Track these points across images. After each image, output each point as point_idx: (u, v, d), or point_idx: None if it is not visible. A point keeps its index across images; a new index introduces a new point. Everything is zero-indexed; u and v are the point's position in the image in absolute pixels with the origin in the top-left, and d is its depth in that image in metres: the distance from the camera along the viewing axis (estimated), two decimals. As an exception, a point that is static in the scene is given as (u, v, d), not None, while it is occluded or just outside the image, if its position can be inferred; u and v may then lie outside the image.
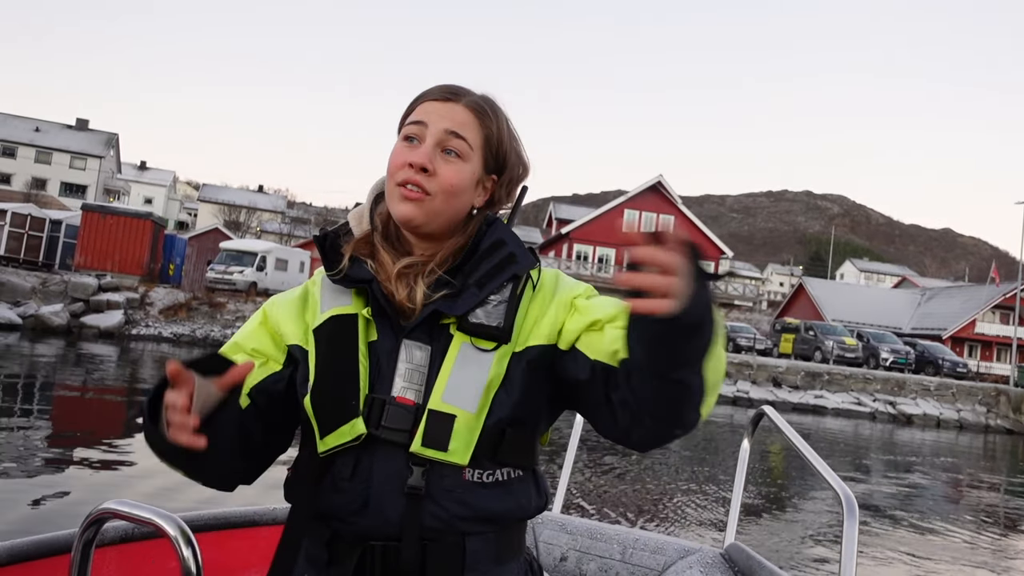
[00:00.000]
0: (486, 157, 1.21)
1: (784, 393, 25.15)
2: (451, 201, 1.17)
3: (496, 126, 1.22)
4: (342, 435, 1.10)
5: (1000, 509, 11.17)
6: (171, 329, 23.41)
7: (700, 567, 1.81)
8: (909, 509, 10.04)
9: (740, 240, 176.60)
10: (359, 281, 1.17)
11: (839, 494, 1.44)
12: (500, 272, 1.17)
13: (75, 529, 1.31)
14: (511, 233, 1.23)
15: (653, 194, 45.59)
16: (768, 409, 2.01)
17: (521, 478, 1.17)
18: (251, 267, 27.66)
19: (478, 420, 1.10)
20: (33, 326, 21.34)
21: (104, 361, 17.39)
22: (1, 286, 22.19)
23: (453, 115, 1.18)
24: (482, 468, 1.12)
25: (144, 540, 1.78)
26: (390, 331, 1.15)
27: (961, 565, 7.32)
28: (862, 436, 19.65)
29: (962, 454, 18.62)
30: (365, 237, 1.23)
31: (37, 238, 26.52)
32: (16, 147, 66.08)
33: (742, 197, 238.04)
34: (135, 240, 25.65)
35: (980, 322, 44.97)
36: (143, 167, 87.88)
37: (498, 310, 1.14)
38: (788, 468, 12.18)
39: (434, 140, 1.16)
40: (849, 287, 61.64)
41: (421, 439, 1.08)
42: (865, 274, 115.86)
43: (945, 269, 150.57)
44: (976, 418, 26.00)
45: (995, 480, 14.83)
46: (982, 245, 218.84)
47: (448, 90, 1.20)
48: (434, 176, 1.15)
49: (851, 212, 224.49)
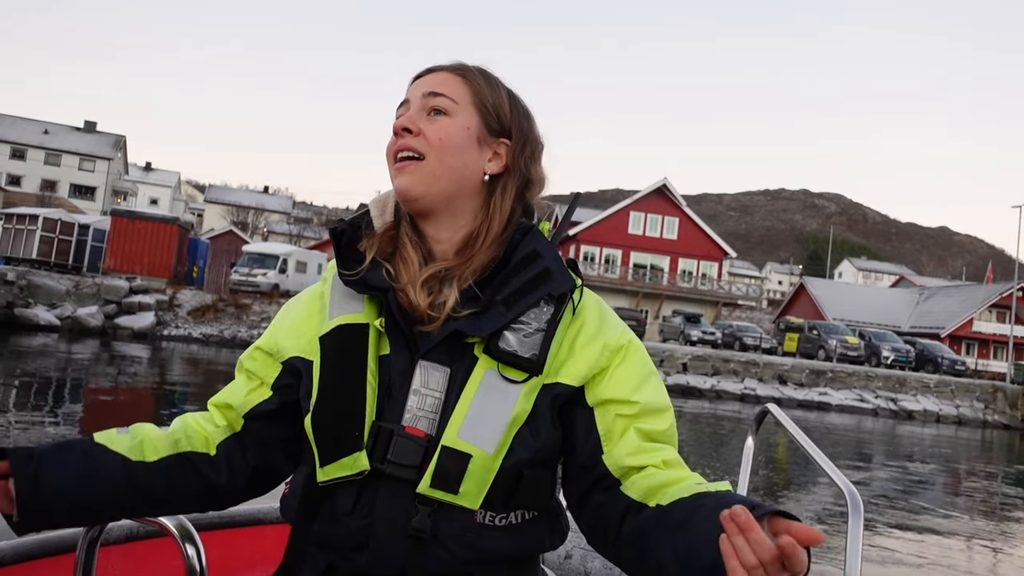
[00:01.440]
0: (483, 114, 1.11)
1: (789, 390, 25.99)
2: (445, 158, 1.07)
3: (485, 84, 1.13)
4: (343, 467, 1.01)
5: (996, 499, 11.77)
6: (200, 330, 24.32)
7: None
8: (911, 501, 10.41)
9: (738, 238, 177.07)
10: (374, 288, 1.07)
11: (844, 491, 1.42)
12: (532, 290, 1.05)
13: (80, 528, 1.31)
14: (549, 245, 1.10)
15: (658, 196, 46.45)
16: (772, 407, 1.97)
17: (536, 519, 1.08)
18: (273, 269, 28.68)
19: (495, 462, 1.01)
20: (70, 327, 22.23)
21: (137, 361, 18.17)
22: (37, 289, 23.07)
23: (431, 80, 1.11)
24: (495, 511, 1.04)
25: (149, 539, 1.77)
26: (405, 347, 1.05)
27: (961, 556, 7.56)
28: (865, 431, 20.42)
29: (961, 448, 19.37)
30: (388, 232, 1.12)
31: (66, 242, 27.37)
32: (26, 149, 66.42)
33: (739, 195, 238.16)
34: (163, 244, 26.53)
35: (977, 321, 45.69)
36: (148, 168, 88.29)
37: (533, 339, 1.03)
38: (792, 464, 12.34)
39: (417, 106, 1.10)
40: (849, 287, 62.73)
41: (431, 479, 0.99)
42: (863, 273, 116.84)
43: (942, 268, 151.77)
44: (974, 414, 26.85)
45: (991, 471, 15.66)
46: (978, 243, 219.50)
47: (428, 67, 1.15)
48: (420, 135, 1.07)
49: (848, 211, 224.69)
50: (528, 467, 1.04)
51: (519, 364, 1.02)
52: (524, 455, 1.03)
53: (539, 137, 1.18)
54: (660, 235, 46.43)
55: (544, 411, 1.04)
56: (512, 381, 1.02)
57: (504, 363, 1.02)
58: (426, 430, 1.01)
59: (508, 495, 1.03)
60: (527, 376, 1.03)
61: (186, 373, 16.88)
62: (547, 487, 1.08)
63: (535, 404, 1.03)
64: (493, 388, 1.02)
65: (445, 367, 1.03)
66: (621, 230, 45.69)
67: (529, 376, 1.03)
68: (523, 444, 1.02)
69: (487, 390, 1.01)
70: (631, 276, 45.28)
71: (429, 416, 1.02)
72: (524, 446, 1.03)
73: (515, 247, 1.08)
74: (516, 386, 1.02)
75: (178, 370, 17.45)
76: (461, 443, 0.99)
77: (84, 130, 70.80)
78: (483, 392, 1.01)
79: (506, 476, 1.02)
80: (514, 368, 1.02)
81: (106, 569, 1.59)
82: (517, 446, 1.02)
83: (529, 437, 1.03)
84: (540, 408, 1.04)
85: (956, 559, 7.45)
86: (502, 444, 1.01)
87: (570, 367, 1.06)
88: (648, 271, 45.96)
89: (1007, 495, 12.44)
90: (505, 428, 1.01)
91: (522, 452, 1.03)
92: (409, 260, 1.08)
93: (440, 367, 1.03)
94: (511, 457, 1.02)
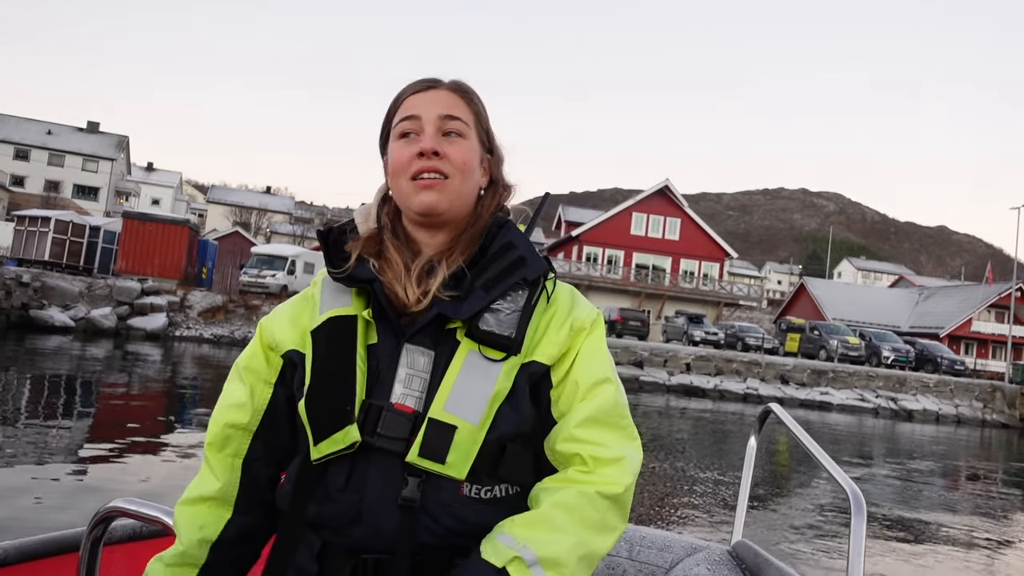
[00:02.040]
0: (480, 135, 1.22)
1: (791, 390, 26.36)
2: (467, 180, 1.17)
3: (480, 105, 1.23)
4: (336, 442, 1.06)
5: (996, 500, 11.88)
6: (211, 330, 24.64)
7: (707, 565, 1.77)
8: (911, 499, 10.49)
9: (737, 238, 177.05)
10: (361, 281, 1.14)
11: (847, 491, 1.43)
12: (508, 276, 1.13)
13: (84, 527, 1.32)
14: (522, 236, 1.20)
15: (660, 198, 46.80)
16: (775, 406, 1.98)
17: (520, 495, 1.13)
18: (282, 271, 29.05)
19: (479, 433, 1.07)
20: (84, 328, 22.58)
21: (149, 360, 18.43)
22: (51, 291, 23.40)
23: (441, 100, 1.18)
24: (480, 483, 1.09)
25: (152, 538, 1.77)
26: (391, 334, 1.12)
27: (960, 555, 7.51)
28: (866, 430, 20.67)
29: (960, 447, 19.60)
30: (372, 236, 1.20)
31: (78, 244, 27.68)
32: (29, 150, 66.51)
33: (738, 195, 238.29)
34: (173, 246, 26.85)
35: (976, 321, 45.97)
36: (150, 168, 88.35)
37: (510, 319, 1.11)
38: (794, 464, 12.35)
39: (433, 127, 1.16)
40: (849, 287, 62.93)
41: (419, 448, 1.04)
42: (862, 272, 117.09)
43: (941, 267, 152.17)
44: (973, 413, 27.21)
45: (991, 468, 15.91)
46: (977, 242, 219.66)
47: (426, 81, 1.21)
48: (445, 158, 1.15)
49: (846, 209, 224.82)
50: (511, 441, 1.10)
51: (499, 343, 1.09)
52: (507, 429, 1.09)
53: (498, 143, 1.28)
54: (662, 236, 46.82)
55: (523, 388, 1.12)
56: (492, 360, 1.09)
57: (484, 343, 1.09)
58: (414, 407, 1.08)
59: (492, 467, 1.09)
60: (505, 356, 1.10)
61: (198, 374, 17.15)
62: (529, 463, 1.14)
63: (515, 381, 1.11)
64: (475, 367, 1.09)
65: (430, 350, 1.10)
66: (624, 231, 46.06)
67: (507, 356, 1.10)
68: (505, 418, 1.09)
69: (470, 369, 1.08)
70: (633, 276, 45.61)
71: (416, 395, 1.08)
72: (506, 420, 1.09)
73: (492, 239, 1.18)
74: (496, 364, 1.09)
75: (191, 371, 17.73)
76: (447, 415, 1.06)
77: (87, 131, 70.91)
78: (466, 370, 1.08)
79: (491, 449, 1.08)
80: (494, 348, 1.10)
81: (109, 568, 1.62)
82: (500, 420, 1.08)
83: (510, 411, 1.10)
84: (519, 385, 1.11)
85: (956, 557, 7.47)
86: (486, 417, 1.07)
87: (544, 347, 1.14)
88: (650, 271, 46.34)
89: (1005, 494, 12.63)
90: (488, 402, 1.07)
91: (505, 426, 1.09)
92: (393, 260, 1.16)
93: (425, 350, 1.10)
94: (494, 431, 1.08)
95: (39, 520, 5.49)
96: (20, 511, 5.66)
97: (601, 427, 1.12)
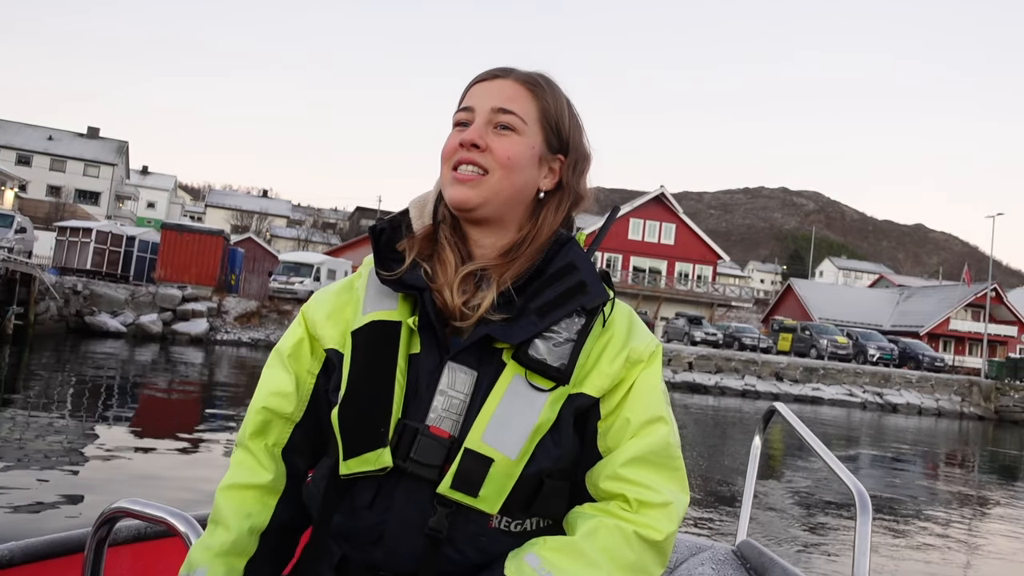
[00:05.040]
0: (546, 132, 1.12)
1: (786, 386, 28.34)
2: (510, 177, 1.08)
3: (552, 99, 1.14)
4: (366, 462, 1.01)
5: (974, 484, 13.09)
6: (248, 335, 26.25)
7: (712, 564, 1.75)
8: (906, 493, 10.78)
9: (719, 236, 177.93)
10: (411, 287, 1.06)
11: (852, 490, 1.40)
12: (566, 302, 1.05)
13: (88, 528, 1.30)
14: (585, 258, 1.10)
15: (656, 204, 48.71)
16: (780, 406, 1.95)
17: (551, 527, 1.08)
18: (309, 277, 30.80)
19: (516, 468, 1.00)
20: (134, 333, 24.17)
21: (200, 364, 19.77)
22: (99, 298, 24.99)
23: (501, 91, 1.11)
24: (511, 517, 1.03)
25: (157, 539, 1.76)
26: (435, 347, 1.05)
27: (961, 556, 7.49)
28: (855, 422, 22.36)
29: (940, 437, 21.30)
30: (428, 234, 1.13)
31: (116, 253, 29.19)
32: (31, 155, 67.12)
33: (720, 194, 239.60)
34: (209, 254, 28.38)
35: (954, 319, 48.06)
36: (145, 172, 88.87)
37: (563, 348, 1.03)
38: (798, 462, 12.37)
39: (484, 119, 1.09)
40: (834, 288, 65.24)
41: (451, 480, 0.99)
42: (843, 272, 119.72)
43: (919, 265, 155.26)
44: (952, 406, 29.25)
45: (970, 456, 17.74)
46: (953, 240, 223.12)
47: (495, 70, 1.14)
48: (487, 151, 1.08)
49: (826, 208, 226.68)
50: (549, 476, 1.04)
51: (547, 373, 1.02)
52: (546, 463, 1.03)
53: (588, 150, 1.19)
54: (658, 240, 48.64)
55: (568, 420, 1.05)
56: (539, 389, 1.02)
57: (532, 370, 1.02)
58: (450, 431, 1.01)
59: (527, 503, 1.03)
60: (554, 385, 1.03)
61: (241, 375, 18.14)
62: (564, 497, 1.08)
63: (559, 413, 1.03)
64: (519, 394, 1.02)
65: (472, 370, 1.03)
66: (622, 235, 47.82)
67: (556, 385, 1.03)
68: (545, 452, 1.02)
69: (513, 396, 1.02)
70: (631, 279, 47.45)
71: (453, 418, 1.02)
72: (546, 454, 1.03)
73: (552, 257, 1.09)
74: (542, 394, 1.02)
75: (234, 372, 18.99)
76: (484, 446, 1.00)
77: (88, 136, 71.60)
78: (509, 398, 1.02)
79: (527, 483, 1.02)
80: (541, 376, 1.02)
81: (115, 569, 1.60)
82: (540, 454, 1.02)
83: (552, 446, 1.03)
84: (564, 417, 1.04)
85: (957, 557, 7.44)
86: (525, 451, 1.01)
87: (594, 378, 1.07)
88: (647, 274, 48.21)
89: (985, 480, 14.04)
90: (529, 435, 1.01)
91: (544, 460, 1.02)
92: (447, 262, 1.09)
93: (468, 370, 1.03)
94: (533, 465, 1.01)
95: (54, 518, 5.48)
96: (45, 505, 5.75)
97: (650, 468, 1.04)
